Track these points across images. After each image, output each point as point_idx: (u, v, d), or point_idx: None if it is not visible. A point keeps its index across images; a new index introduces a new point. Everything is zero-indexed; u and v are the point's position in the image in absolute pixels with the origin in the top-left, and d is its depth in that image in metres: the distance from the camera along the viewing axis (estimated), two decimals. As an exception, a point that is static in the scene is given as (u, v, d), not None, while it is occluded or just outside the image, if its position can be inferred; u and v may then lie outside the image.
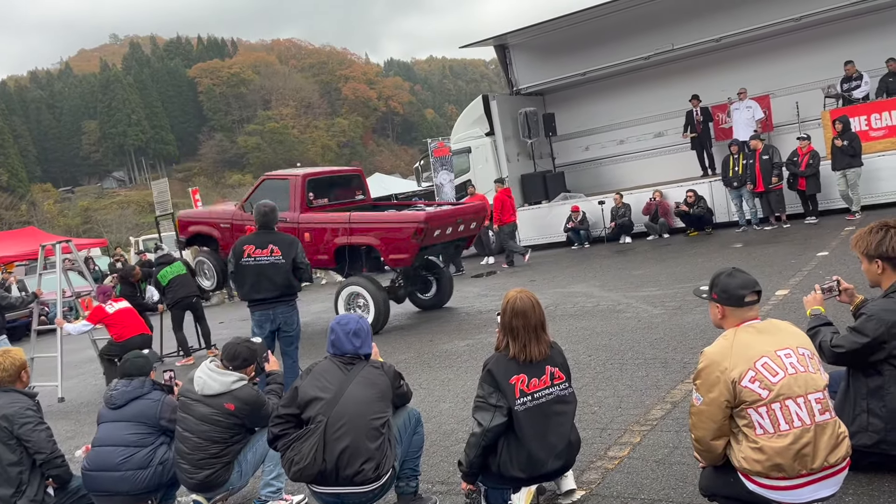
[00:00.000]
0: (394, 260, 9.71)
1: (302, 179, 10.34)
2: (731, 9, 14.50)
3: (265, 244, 6.60)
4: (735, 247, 11.94)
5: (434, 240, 9.77)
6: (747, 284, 3.00)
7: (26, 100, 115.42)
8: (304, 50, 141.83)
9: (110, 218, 75.35)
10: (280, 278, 6.55)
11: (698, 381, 2.96)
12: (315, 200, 10.46)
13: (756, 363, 2.80)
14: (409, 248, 9.44)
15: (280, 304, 6.61)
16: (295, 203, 10.21)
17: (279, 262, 6.55)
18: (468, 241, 11.13)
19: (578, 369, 6.11)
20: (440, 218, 9.86)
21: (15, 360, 4.36)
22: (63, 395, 8.56)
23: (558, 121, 17.60)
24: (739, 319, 2.99)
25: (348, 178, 11.59)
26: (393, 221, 9.73)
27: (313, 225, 10.11)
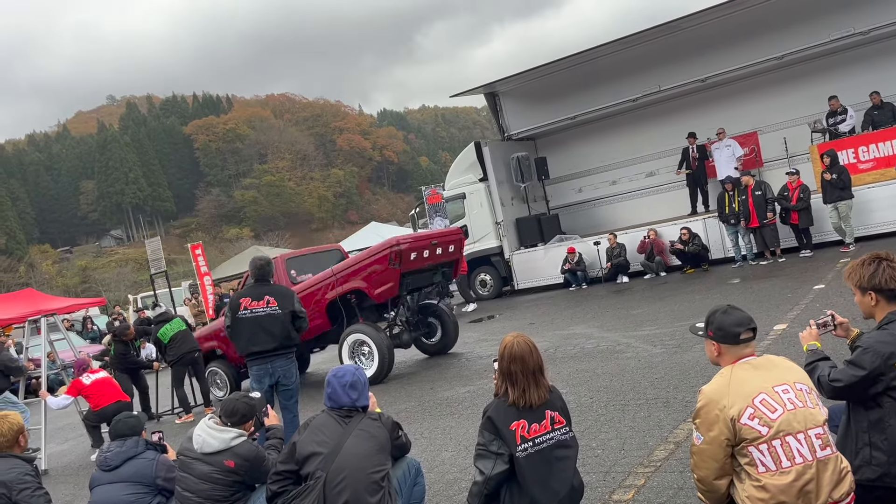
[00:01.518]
0: (381, 294, 9.71)
1: (280, 259, 10.88)
2: (715, 49, 14.81)
3: (261, 296, 6.58)
4: (732, 282, 11.96)
5: (413, 264, 9.78)
6: (742, 322, 3.01)
7: (24, 163, 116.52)
8: (298, 104, 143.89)
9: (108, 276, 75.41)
10: (278, 329, 6.50)
11: (698, 420, 2.95)
12: (298, 277, 10.69)
13: (754, 400, 2.80)
14: (391, 275, 9.52)
15: (279, 358, 6.55)
16: (280, 282, 10.33)
17: (276, 313, 6.52)
18: (454, 270, 11.10)
19: (580, 412, 6.07)
20: (413, 240, 9.98)
21: (13, 425, 4.32)
22: (46, 467, 8.40)
23: (551, 164, 17.81)
24: (736, 357, 3.00)
25: (329, 255, 11.76)
26: (369, 254, 9.86)
27: (302, 292, 10.10)
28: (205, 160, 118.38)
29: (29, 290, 27.52)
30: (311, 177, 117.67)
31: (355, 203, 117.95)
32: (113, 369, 11.24)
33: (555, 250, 16.37)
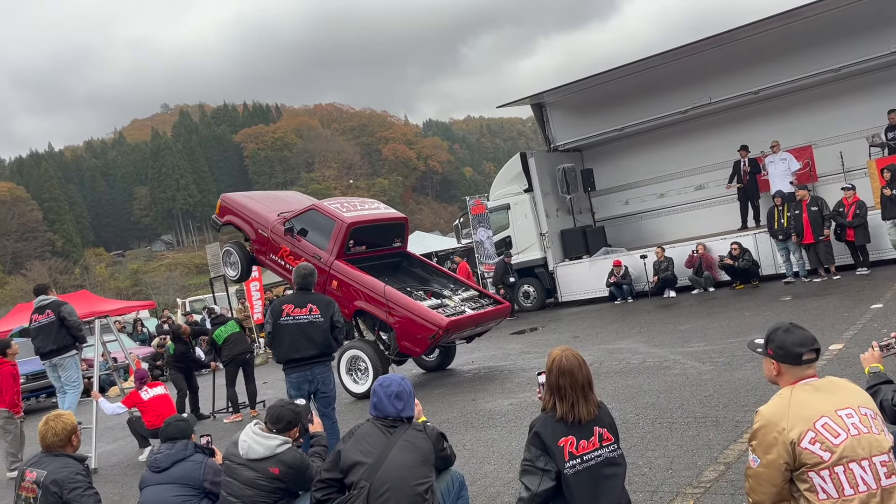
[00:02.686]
0: (405, 347, 9.72)
1: (347, 227, 10.18)
2: (769, 61, 14.48)
3: (304, 304, 6.64)
4: (784, 300, 11.64)
5: (449, 339, 9.95)
6: (805, 341, 2.90)
7: (82, 168, 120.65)
8: (346, 113, 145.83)
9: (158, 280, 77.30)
10: (319, 337, 6.57)
11: (754, 441, 2.84)
12: (353, 247, 10.42)
13: (816, 424, 2.68)
14: (422, 344, 9.54)
15: (318, 365, 6.61)
16: (333, 247, 10.18)
17: (318, 321, 6.57)
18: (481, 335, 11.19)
19: (626, 429, 5.94)
20: (460, 325, 9.74)
21: (66, 425, 4.42)
22: (96, 466, 8.55)
23: (597, 176, 17.63)
24: (796, 377, 2.88)
25: (392, 226, 11.31)
26: (416, 315, 9.46)
27: (345, 278, 10.04)
28: (253, 168, 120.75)
29: (83, 292, 28.37)
30: (356, 185, 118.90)
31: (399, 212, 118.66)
32: (170, 368, 11.50)
33: (600, 263, 16.18)
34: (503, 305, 10.86)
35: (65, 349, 8.90)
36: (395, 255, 11.33)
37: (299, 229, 10.40)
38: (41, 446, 4.46)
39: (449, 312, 9.78)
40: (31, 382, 15.97)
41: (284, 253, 10.56)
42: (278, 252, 10.68)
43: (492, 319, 10.57)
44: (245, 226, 11.22)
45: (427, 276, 11.38)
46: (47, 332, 8.84)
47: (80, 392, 9.24)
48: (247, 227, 11.19)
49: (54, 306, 8.91)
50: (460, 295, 10.64)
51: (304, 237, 10.38)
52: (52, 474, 4.22)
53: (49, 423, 4.45)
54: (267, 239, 10.83)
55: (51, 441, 4.40)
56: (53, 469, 4.25)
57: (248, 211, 11.32)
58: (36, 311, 9.01)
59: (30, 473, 4.29)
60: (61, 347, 8.88)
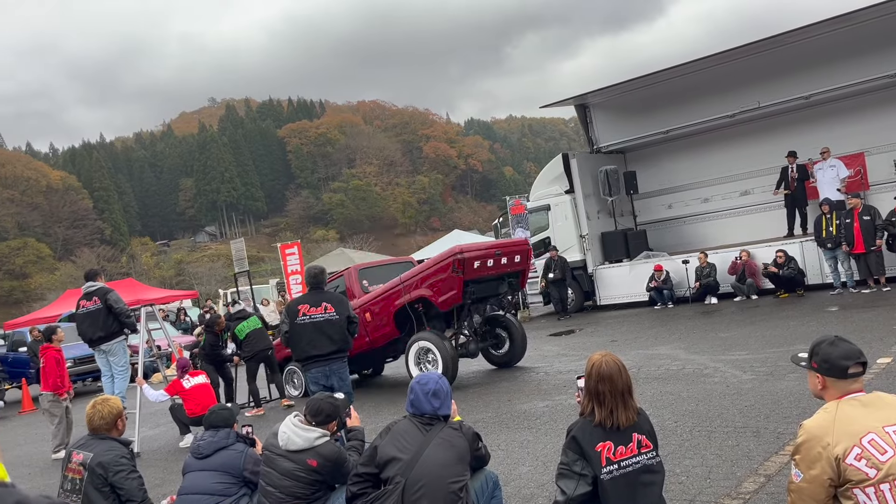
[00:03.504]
0: (445, 301, 9.77)
1: (354, 270, 11.13)
2: (821, 66, 14.12)
3: (318, 302, 6.99)
4: (830, 310, 11.36)
5: (477, 272, 9.79)
6: (851, 355, 2.83)
7: (131, 159, 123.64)
8: (388, 111, 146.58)
9: (201, 270, 78.88)
10: (337, 334, 6.92)
11: (797, 456, 2.79)
12: (370, 287, 10.88)
13: (862, 440, 2.62)
14: (454, 283, 9.57)
15: (335, 361, 6.96)
16: (353, 291, 10.70)
17: (334, 319, 6.95)
18: (521, 280, 10.99)
19: (664, 436, 5.87)
20: (477, 253, 9.98)
21: (113, 409, 4.55)
22: (139, 450, 8.75)
23: (640, 178, 17.42)
24: (842, 391, 2.82)
25: (402, 266, 11.81)
26: (433, 262, 9.97)
27: (371, 300, 10.41)
28: (296, 163, 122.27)
29: (130, 280, 29.10)
30: (396, 182, 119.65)
31: (438, 210, 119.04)
32: (201, 360, 11.74)
33: (641, 267, 15.99)
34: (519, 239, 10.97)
35: (112, 335, 9.12)
36: None
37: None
38: (88, 429, 4.60)
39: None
40: (79, 366, 16.46)
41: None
42: None
43: (509, 249, 10.51)
44: None
45: None
46: (94, 318, 9.05)
47: (129, 377, 9.48)
48: None
49: (101, 293, 9.10)
50: None
51: None
52: (98, 457, 4.35)
53: (96, 406, 4.59)
54: None
55: (97, 424, 4.54)
56: (99, 451, 4.39)
57: None
58: (84, 298, 9.24)
59: (76, 455, 4.43)
60: (109, 334, 9.10)
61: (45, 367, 9.55)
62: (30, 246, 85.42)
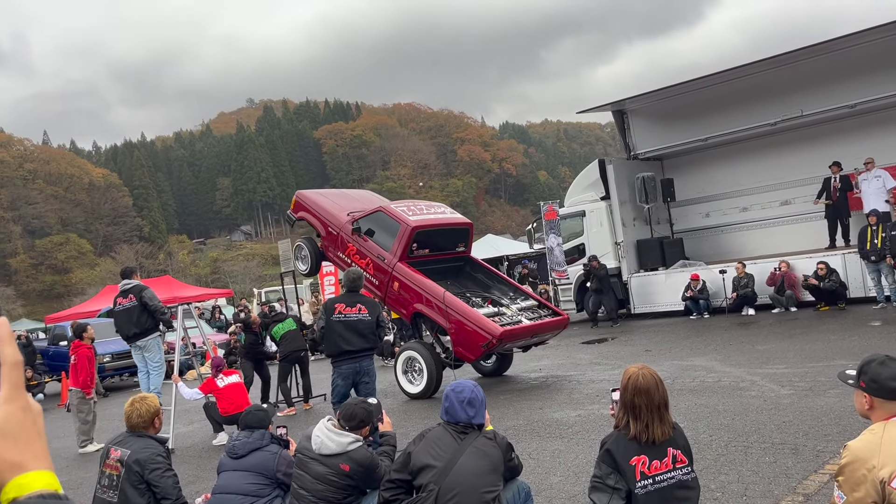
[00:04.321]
0: (459, 353, 9.82)
1: (411, 231, 10.32)
2: (866, 74, 13.79)
3: (354, 303, 7.56)
4: (873, 325, 11.07)
5: (503, 349, 10.01)
6: (901, 376, 2.76)
7: (171, 158, 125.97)
8: (423, 113, 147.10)
9: (236, 269, 79.94)
10: (368, 333, 7.49)
11: (841, 477, 2.72)
12: (417, 250, 10.59)
13: (909, 464, 2.55)
14: (477, 351, 9.60)
15: (365, 358, 7.54)
16: (397, 249, 10.39)
17: (366, 319, 7.49)
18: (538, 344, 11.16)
19: (699, 450, 5.77)
20: (515, 335, 9.74)
21: (150, 407, 4.64)
22: (174, 447, 8.86)
23: (677, 186, 17.20)
24: (890, 413, 2.74)
25: (456, 231, 11.41)
26: (471, 322, 9.51)
27: (406, 280, 10.25)
28: (331, 164, 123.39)
29: (166, 278, 29.65)
30: (430, 185, 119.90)
31: (471, 213, 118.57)
32: (240, 357, 11.92)
33: (677, 276, 15.78)
34: (561, 318, 10.79)
35: (148, 332, 9.30)
36: (459, 259, 11.49)
37: (366, 230, 10.71)
38: (126, 426, 4.69)
39: (505, 321, 9.79)
40: (116, 361, 16.80)
41: (351, 251, 10.90)
42: (346, 251, 11.04)
43: (548, 331, 10.55)
44: (316, 223, 11.61)
45: (488, 282, 11.45)
46: (129, 315, 9.24)
47: (164, 374, 9.64)
48: (318, 224, 11.58)
49: (136, 291, 9.28)
50: (518, 304, 10.65)
51: (370, 237, 10.68)
52: (136, 454, 4.43)
53: (135, 404, 4.68)
54: (336, 236, 11.18)
55: (135, 422, 4.62)
56: (136, 449, 4.47)
57: (319, 208, 11.71)
58: (120, 295, 9.43)
59: (114, 451, 4.52)
60: (144, 331, 9.27)
61: (76, 364, 9.74)
62: (72, 241, 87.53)
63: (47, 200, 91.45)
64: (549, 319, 10.49)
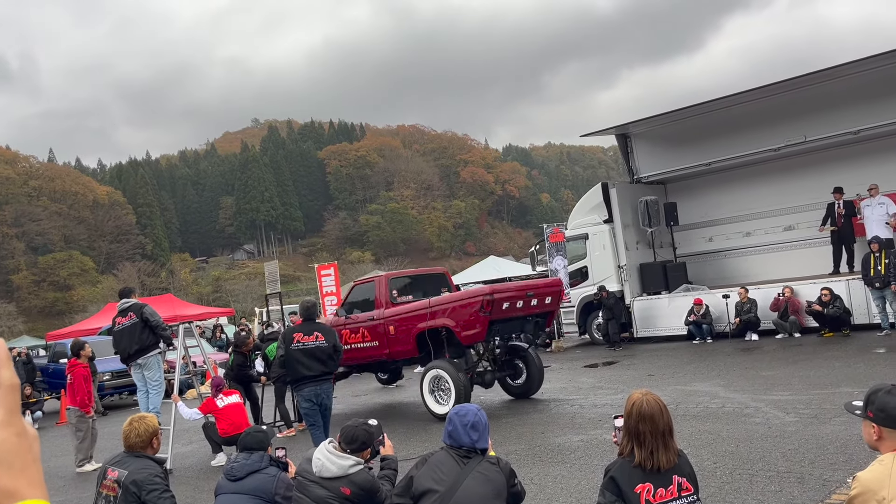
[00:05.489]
0: (468, 336, 9.82)
1: (385, 280, 11.20)
2: (871, 100, 13.84)
3: (311, 332, 7.96)
4: (877, 352, 11.00)
5: (504, 313, 9.86)
6: (910, 406, 2.72)
7: (175, 177, 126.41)
8: (427, 135, 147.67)
9: (238, 288, 79.80)
10: (325, 358, 7.88)
11: (850, 509, 2.67)
12: (399, 297, 10.94)
13: (920, 496, 2.50)
14: (480, 321, 9.61)
15: (323, 382, 7.95)
16: (381, 300, 10.82)
17: (323, 346, 7.88)
18: (548, 319, 11.14)
19: (703, 477, 5.69)
20: (506, 290, 10.17)
21: (149, 427, 4.59)
22: (172, 467, 8.78)
23: (680, 210, 17.21)
24: (899, 444, 2.70)
25: (433, 277, 12.06)
26: (464, 296, 10.03)
27: (397, 316, 10.52)
28: (335, 184, 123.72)
29: (168, 296, 29.52)
30: (433, 206, 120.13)
31: (474, 235, 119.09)
32: (229, 380, 11.84)
33: (680, 300, 15.72)
34: (553, 280, 10.94)
35: (149, 348, 9.25)
36: None
37: (347, 310, 11.33)
38: (124, 446, 4.63)
39: None
40: (116, 380, 16.71)
41: (346, 336, 11.03)
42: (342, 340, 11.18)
43: (543, 294, 10.47)
44: None
45: None
46: (130, 333, 9.18)
47: (163, 393, 9.58)
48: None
49: (136, 308, 9.27)
50: None
51: (356, 312, 11.19)
52: (133, 475, 4.37)
53: (133, 424, 4.63)
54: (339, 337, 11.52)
55: (133, 441, 4.57)
56: (134, 469, 4.41)
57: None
58: (119, 315, 9.39)
59: (112, 472, 4.46)
60: (144, 347, 9.23)
61: (73, 383, 9.68)
62: (74, 258, 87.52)
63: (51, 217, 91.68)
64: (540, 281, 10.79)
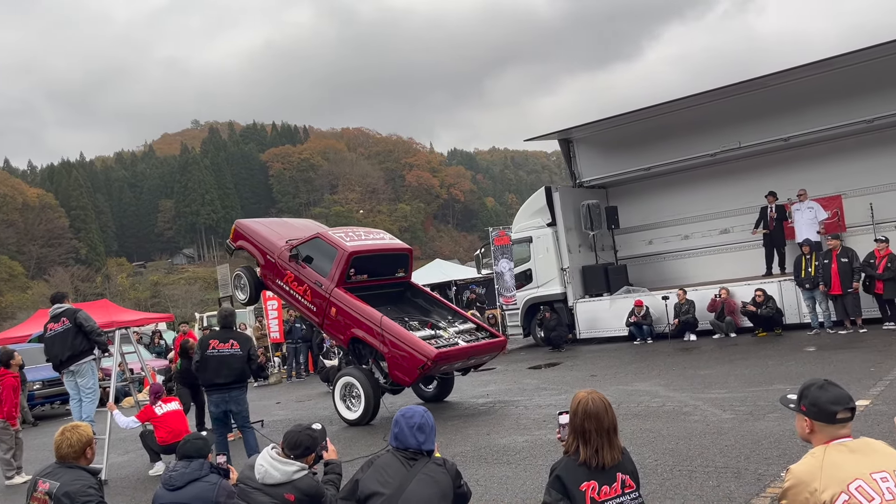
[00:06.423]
0: (396, 376, 9.82)
1: (348, 256, 10.36)
2: (801, 108, 14.40)
3: (227, 339, 8.06)
4: (808, 350, 11.43)
5: (439, 371, 9.98)
6: (840, 400, 2.81)
7: (111, 179, 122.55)
8: (372, 138, 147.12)
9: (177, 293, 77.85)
10: (238, 367, 7.98)
11: (784, 501, 2.76)
12: (354, 275, 10.60)
13: (849, 486, 2.59)
14: (413, 374, 9.58)
15: (235, 389, 8.02)
16: (334, 274, 10.40)
17: (237, 354, 7.99)
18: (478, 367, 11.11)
19: (644, 474, 5.79)
20: (450, 357, 9.77)
21: (82, 436, 4.40)
22: (107, 478, 8.46)
23: (621, 214, 17.57)
24: (830, 436, 2.80)
25: (395, 256, 11.51)
26: (407, 345, 9.53)
27: (343, 305, 10.25)
28: (278, 187, 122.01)
29: (104, 301, 28.67)
30: (378, 210, 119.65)
31: (419, 238, 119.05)
32: (177, 383, 11.53)
33: (621, 301, 16.04)
34: (497, 340, 10.88)
35: (82, 354, 8.92)
36: (399, 285, 11.48)
37: (304, 256, 10.78)
38: (56, 456, 4.44)
39: (441, 344, 9.81)
40: (47, 389, 16.06)
41: (289, 279, 10.89)
42: (284, 278, 11.04)
43: (485, 353, 10.57)
44: (255, 251, 11.57)
45: (428, 307, 11.47)
46: (62, 339, 8.85)
47: (97, 401, 9.24)
48: (257, 253, 11.54)
49: (69, 314, 8.95)
50: (456, 327, 10.70)
51: (308, 264, 10.73)
52: (65, 486, 4.19)
53: (65, 433, 4.44)
54: (274, 264, 11.16)
55: (65, 452, 4.38)
56: (66, 481, 4.23)
57: (258, 237, 11.67)
58: (51, 321, 9.04)
59: (42, 484, 4.27)
60: (77, 353, 8.89)
61: (1, 393, 9.23)
62: (2, 263, 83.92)
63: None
64: (485, 341, 10.59)
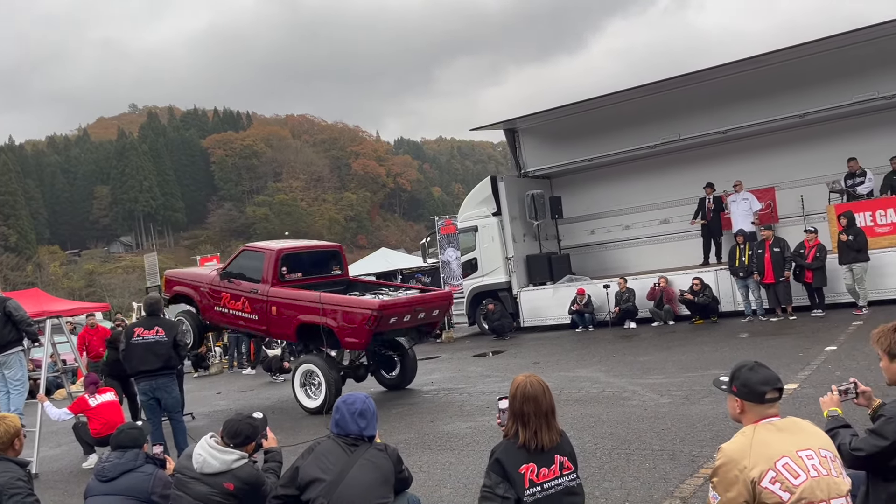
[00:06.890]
0: (349, 343, 9.85)
1: (276, 254, 10.58)
2: (737, 102, 14.84)
3: (152, 326, 8.01)
4: (741, 337, 11.83)
5: (390, 326, 9.88)
6: (769, 380, 2.93)
7: (42, 164, 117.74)
8: (317, 125, 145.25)
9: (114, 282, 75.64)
10: (164, 353, 7.90)
11: (715, 478, 2.85)
12: (288, 275, 10.66)
13: (776, 463, 2.70)
14: (363, 333, 9.56)
15: (162, 377, 7.94)
16: (267, 276, 10.45)
17: (163, 340, 7.93)
18: (431, 327, 11.17)
19: (584, 458, 5.93)
20: (396, 306, 9.88)
21: (9, 428, 4.25)
22: (38, 471, 8.21)
23: (565, 204, 17.81)
24: (759, 416, 2.91)
25: (326, 254, 11.75)
26: (350, 304, 9.72)
27: (282, 299, 10.27)
28: (220, 174, 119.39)
29: (35, 291, 27.51)
30: (323, 198, 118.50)
31: (365, 227, 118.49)
32: (105, 375, 11.20)
33: (564, 290, 16.28)
34: (444, 291, 11.04)
35: (10, 345, 8.60)
36: (339, 283, 11.45)
37: (234, 273, 10.91)
38: (-18, 449, 4.27)
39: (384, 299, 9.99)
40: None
41: (226, 299, 10.87)
42: (220, 301, 11.00)
43: (433, 305, 10.57)
44: (190, 290, 11.55)
45: (373, 288, 11.65)
46: None
47: (26, 393, 8.91)
48: (192, 292, 11.51)
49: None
50: (401, 293, 10.85)
51: (240, 279, 10.78)
52: (-7, 479, 4.04)
53: (-8, 425, 4.27)
54: (208, 293, 11.14)
55: (-8, 444, 4.22)
56: (-6, 473, 4.08)
57: (188, 276, 11.97)
58: None
59: (-32, 477, 4.11)
60: (5, 343, 8.56)
61: None
62: (-76, 251, 79.96)
63: None
64: (430, 294, 10.76)
